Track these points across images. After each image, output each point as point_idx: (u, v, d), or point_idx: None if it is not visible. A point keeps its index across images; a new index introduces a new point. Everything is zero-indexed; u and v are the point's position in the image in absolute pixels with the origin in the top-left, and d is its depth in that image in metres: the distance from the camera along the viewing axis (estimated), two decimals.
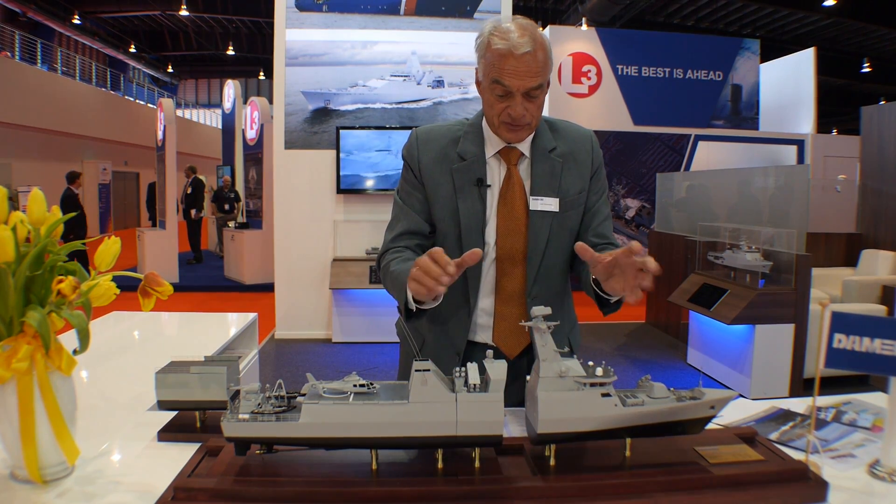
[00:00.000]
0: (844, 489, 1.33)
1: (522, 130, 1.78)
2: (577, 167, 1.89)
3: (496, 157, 1.86)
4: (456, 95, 7.40)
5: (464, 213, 1.83)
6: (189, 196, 13.28)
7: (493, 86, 1.71)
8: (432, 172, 1.88)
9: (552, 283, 1.88)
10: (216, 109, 30.35)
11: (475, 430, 1.28)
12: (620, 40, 12.20)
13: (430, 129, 1.95)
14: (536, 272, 1.84)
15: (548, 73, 1.73)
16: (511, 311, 1.86)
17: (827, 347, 1.34)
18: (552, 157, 1.86)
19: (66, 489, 1.32)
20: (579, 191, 1.88)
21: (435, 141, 1.90)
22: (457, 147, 1.87)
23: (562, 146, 1.89)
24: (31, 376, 1.30)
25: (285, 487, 1.26)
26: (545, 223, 1.83)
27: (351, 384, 1.31)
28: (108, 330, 3.00)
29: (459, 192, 1.84)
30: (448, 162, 1.86)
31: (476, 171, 1.84)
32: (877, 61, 22.55)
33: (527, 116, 1.73)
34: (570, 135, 1.93)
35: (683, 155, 11.62)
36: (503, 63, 1.67)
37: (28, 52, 19.63)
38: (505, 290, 1.85)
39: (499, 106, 1.74)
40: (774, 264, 5.40)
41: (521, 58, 1.65)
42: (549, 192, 1.84)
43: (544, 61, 1.69)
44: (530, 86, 1.68)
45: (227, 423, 1.27)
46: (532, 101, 1.72)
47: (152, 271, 1.52)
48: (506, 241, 1.82)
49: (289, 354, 6.75)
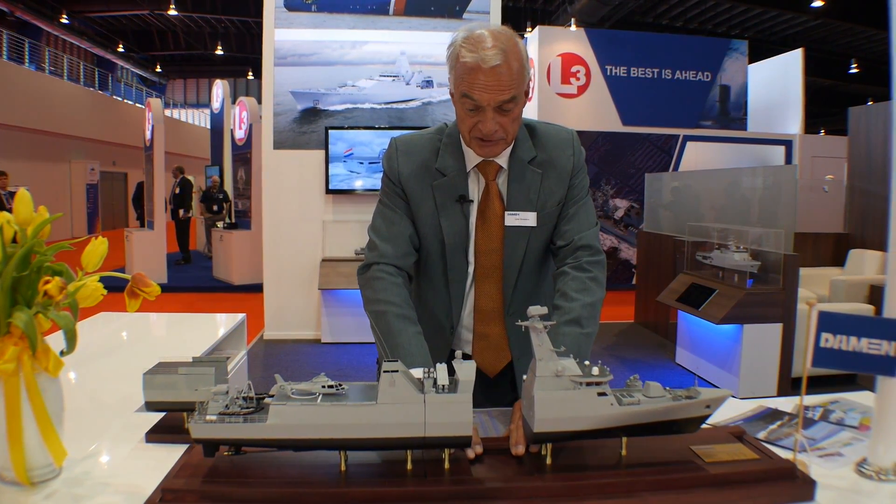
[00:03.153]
0: (832, 488, 1.34)
1: (496, 146, 1.69)
2: (557, 173, 1.80)
3: (474, 170, 1.79)
4: (445, 96, 7.38)
5: (447, 230, 1.77)
6: (177, 196, 13.22)
7: (463, 100, 1.63)
8: (414, 186, 1.80)
9: (531, 300, 1.72)
10: (205, 109, 30.21)
11: (444, 431, 1.28)
12: (609, 41, 12.22)
13: (409, 139, 1.86)
14: (513, 289, 1.80)
15: (521, 85, 1.62)
16: (490, 331, 1.82)
17: (814, 347, 1.34)
18: (531, 168, 1.78)
19: (53, 491, 1.31)
20: (558, 201, 1.80)
21: (415, 153, 1.82)
22: (436, 161, 1.79)
23: (542, 154, 1.80)
24: (18, 377, 1.29)
25: (255, 489, 1.25)
26: (521, 238, 1.77)
27: (319, 385, 1.30)
28: (95, 331, 2.98)
29: (441, 210, 1.77)
30: (429, 177, 1.79)
31: (458, 188, 1.77)
32: (865, 62, 22.70)
33: (499, 132, 1.64)
34: (551, 140, 1.83)
35: (672, 155, 11.66)
36: (472, 77, 1.58)
37: (16, 52, 19.48)
38: (483, 310, 1.81)
39: (469, 121, 1.66)
40: (762, 264, 5.43)
41: (491, 71, 1.55)
42: (526, 206, 1.77)
43: (518, 73, 1.59)
44: (501, 100, 1.59)
45: (195, 424, 1.26)
46: (505, 115, 1.63)
47: (139, 272, 1.52)
48: (484, 258, 1.77)
49: (278, 355, 6.74)
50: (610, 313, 9.09)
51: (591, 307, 1.69)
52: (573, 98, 11.88)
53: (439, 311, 1.85)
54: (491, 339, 1.82)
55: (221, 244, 11.40)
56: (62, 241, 1.41)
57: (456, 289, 1.80)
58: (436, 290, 1.85)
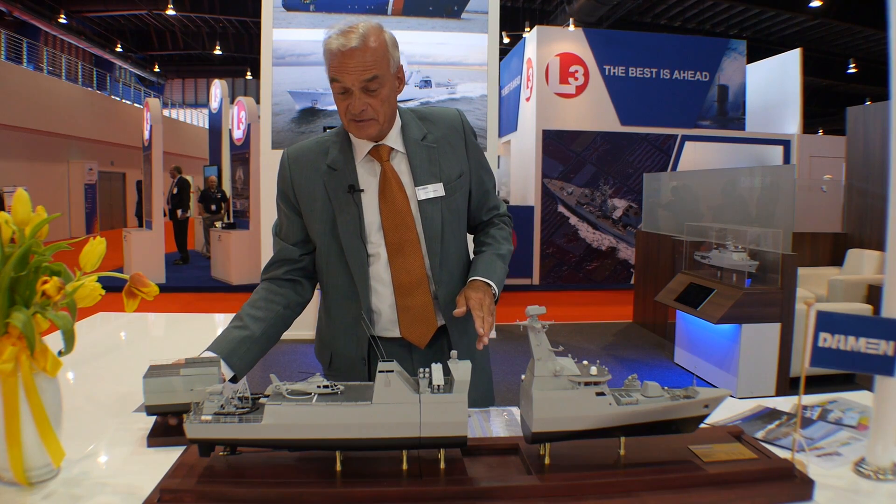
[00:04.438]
0: (830, 487, 1.34)
1: (369, 126, 1.78)
2: (452, 149, 1.93)
3: (368, 158, 1.87)
4: (443, 95, 7.40)
5: (341, 222, 1.85)
6: (175, 196, 13.21)
7: (333, 84, 1.74)
8: (307, 190, 1.90)
9: (455, 267, 1.93)
10: (203, 109, 30.21)
11: (439, 432, 1.28)
12: (608, 41, 12.23)
13: (298, 147, 1.96)
14: (440, 258, 1.87)
15: (385, 66, 1.73)
16: (413, 302, 1.87)
17: (812, 346, 1.34)
18: (425, 145, 1.90)
19: (51, 491, 1.31)
20: (459, 174, 1.92)
21: (304, 158, 1.92)
22: (326, 158, 1.89)
23: (433, 132, 1.93)
24: (16, 378, 1.29)
25: (252, 489, 1.25)
26: (436, 209, 1.86)
27: (315, 385, 1.30)
28: (93, 331, 2.97)
29: (335, 202, 1.86)
30: (320, 175, 1.88)
31: (347, 178, 1.85)
32: (863, 62, 22.72)
33: (368, 111, 1.74)
34: (439, 119, 1.96)
35: (670, 155, 11.67)
36: (336, 60, 1.69)
37: (14, 52, 19.45)
38: (403, 285, 1.86)
39: (342, 104, 1.76)
40: (761, 264, 5.43)
41: (350, 53, 1.67)
42: (431, 178, 1.87)
43: (379, 54, 1.71)
44: (363, 79, 1.69)
45: (190, 424, 1.26)
46: (372, 96, 1.73)
47: (137, 272, 1.51)
48: (394, 236, 1.84)
49: (276, 355, 6.72)
50: (608, 313, 9.11)
51: (510, 254, 2.00)
52: (571, 98, 11.87)
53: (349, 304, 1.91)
54: (415, 311, 1.87)
55: (220, 244, 11.39)
56: (60, 241, 1.41)
57: (358, 275, 1.86)
58: (341, 286, 1.92)
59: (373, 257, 1.86)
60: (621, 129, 11.73)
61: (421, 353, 1.92)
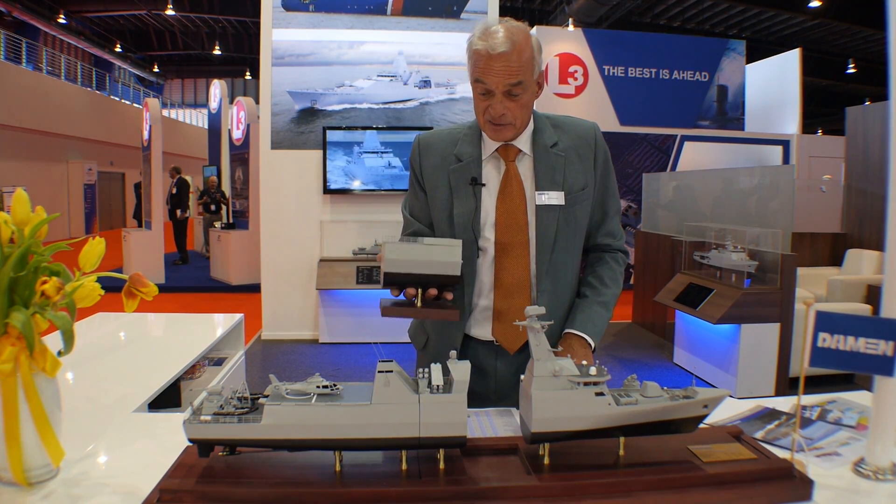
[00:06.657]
0: (829, 487, 1.34)
1: (506, 129, 1.80)
2: (581, 161, 1.91)
3: (495, 155, 1.89)
4: (443, 96, 7.40)
5: (457, 212, 1.87)
6: (174, 196, 13.20)
7: (476, 84, 1.76)
8: (433, 176, 1.94)
9: (562, 279, 1.91)
10: (202, 109, 30.16)
11: (438, 432, 1.28)
12: (607, 41, 12.22)
13: (431, 134, 2.01)
14: (547, 266, 1.87)
15: (529, 72, 1.74)
16: (512, 305, 1.86)
17: (812, 346, 1.34)
18: (554, 153, 1.89)
19: (50, 491, 1.31)
20: (583, 186, 1.90)
21: (435, 146, 1.96)
22: (455, 149, 1.92)
23: (564, 141, 1.91)
24: (16, 378, 1.29)
25: (252, 489, 1.25)
26: (552, 217, 1.86)
27: (314, 385, 1.30)
28: (93, 331, 2.97)
29: (455, 192, 1.88)
30: (447, 164, 1.91)
31: (471, 171, 1.88)
32: (862, 62, 22.72)
33: (507, 115, 1.76)
34: (573, 129, 1.95)
35: (670, 155, 11.66)
36: (482, 62, 1.71)
37: (13, 52, 19.44)
38: (504, 286, 1.86)
39: (482, 105, 1.78)
40: (760, 264, 5.43)
41: (498, 57, 1.68)
42: (553, 186, 1.87)
43: (526, 61, 1.71)
44: (508, 83, 1.71)
45: (189, 424, 1.26)
46: (513, 101, 1.74)
47: (137, 272, 1.51)
48: (505, 236, 1.85)
49: (275, 355, 6.72)
50: None
51: (615, 298, 2.00)
52: (571, 98, 11.87)
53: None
54: (511, 314, 1.86)
55: (219, 244, 11.38)
56: (60, 242, 1.41)
57: (467, 269, 1.85)
58: None
59: (481, 252, 1.88)
60: (621, 130, 11.72)
61: (507, 360, 1.92)
